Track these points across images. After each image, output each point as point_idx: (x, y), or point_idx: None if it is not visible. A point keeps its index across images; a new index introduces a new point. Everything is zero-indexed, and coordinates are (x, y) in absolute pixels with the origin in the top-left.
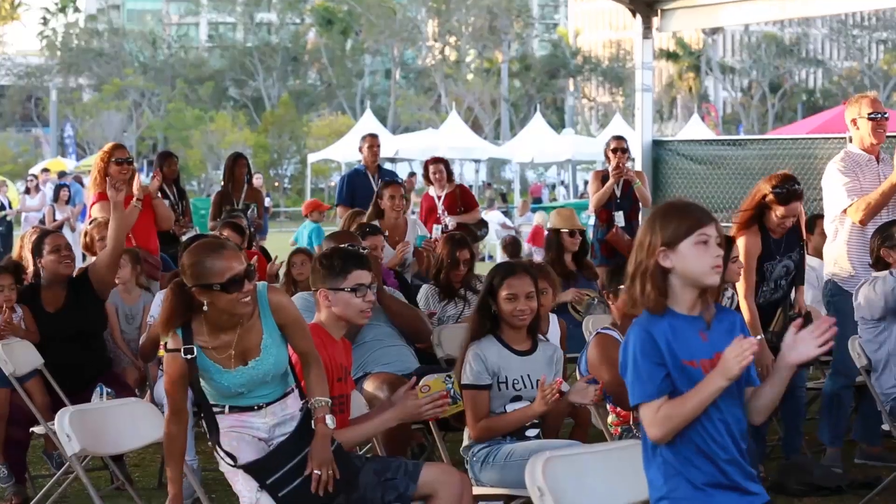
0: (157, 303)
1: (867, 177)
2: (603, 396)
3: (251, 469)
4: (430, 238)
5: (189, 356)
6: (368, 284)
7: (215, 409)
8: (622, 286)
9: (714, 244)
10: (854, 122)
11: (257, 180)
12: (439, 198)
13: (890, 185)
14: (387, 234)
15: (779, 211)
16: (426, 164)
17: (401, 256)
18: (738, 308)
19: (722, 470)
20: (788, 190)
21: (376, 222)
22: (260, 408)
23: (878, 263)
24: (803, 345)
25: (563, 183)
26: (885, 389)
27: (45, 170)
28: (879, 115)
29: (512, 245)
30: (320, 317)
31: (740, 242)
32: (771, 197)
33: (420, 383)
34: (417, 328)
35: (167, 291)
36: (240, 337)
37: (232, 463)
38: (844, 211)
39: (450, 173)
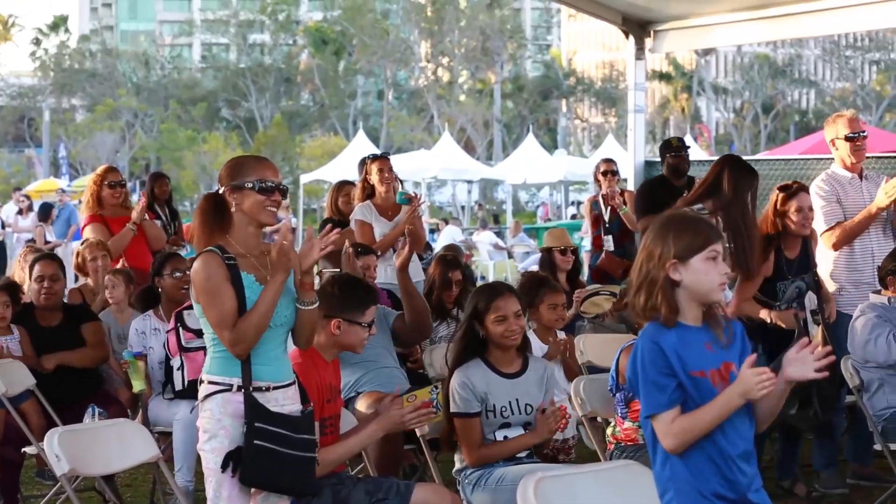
0: (134, 329)
1: (850, 196)
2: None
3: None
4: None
5: (230, 262)
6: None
7: (222, 387)
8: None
9: (721, 261)
10: (833, 142)
11: None
12: None
13: (867, 215)
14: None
15: (793, 207)
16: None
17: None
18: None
19: (730, 481)
20: (792, 185)
21: (368, 202)
22: (268, 389)
23: (884, 283)
24: (802, 364)
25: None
26: (877, 411)
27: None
28: (857, 135)
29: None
30: (318, 339)
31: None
32: (781, 197)
33: (405, 393)
34: (426, 322)
35: (197, 208)
36: (270, 261)
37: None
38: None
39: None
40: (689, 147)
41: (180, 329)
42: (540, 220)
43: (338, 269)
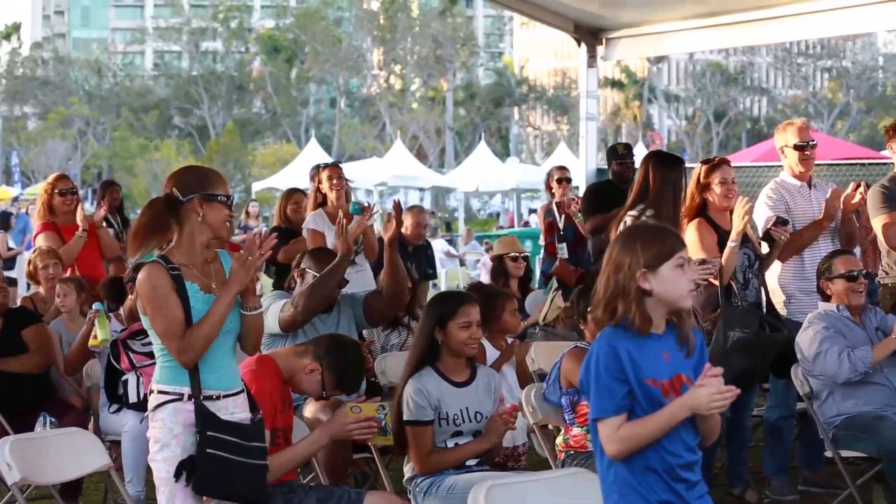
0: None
1: (799, 204)
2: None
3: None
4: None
5: (174, 272)
6: None
7: (173, 397)
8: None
9: (688, 268)
10: (782, 150)
11: None
12: None
13: (815, 229)
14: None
15: (716, 179)
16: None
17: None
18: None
19: (673, 489)
20: (714, 158)
21: (320, 210)
22: (218, 397)
23: (821, 293)
24: (701, 395)
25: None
26: (828, 418)
27: None
28: (806, 144)
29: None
30: (279, 352)
31: (690, 234)
32: (704, 170)
33: (352, 404)
34: (404, 295)
35: (147, 207)
36: (213, 270)
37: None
38: None
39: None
40: (634, 154)
41: (131, 354)
42: (503, 228)
43: (320, 272)
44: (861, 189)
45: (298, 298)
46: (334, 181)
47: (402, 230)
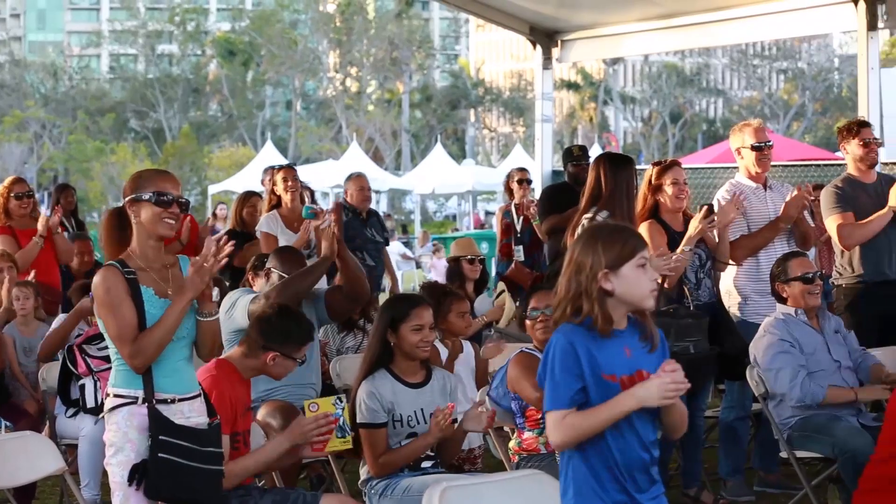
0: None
1: (754, 206)
2: (514, 420)
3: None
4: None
5: (130, 276)
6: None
7: (127, 400)
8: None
9: (649, 267)
10: (739, 151)
11: None
12: None
13: (771, 231)
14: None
15: (668, 181)
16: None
17: (305, 236)
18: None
19: (626, 488)
20: (665, 160)
21: (275, 213)
22: (173, 401)
23: (775, 295)
24: (652, 386)
25: None
26: (783, 419)
27: None
28: (763, 145)
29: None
30: (233, 356)
31: (643, 233)
32: (655, 171)
33: (310, 401)
34: (363, 288)
35: (101, 223)
36: (171, 275)
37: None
38: None
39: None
40: (590, 156)
41: (87, 359)
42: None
43: (286, 272)
44: (808, 189)
45: (271, 291)
46: (289, 183)
47: (348, 198)
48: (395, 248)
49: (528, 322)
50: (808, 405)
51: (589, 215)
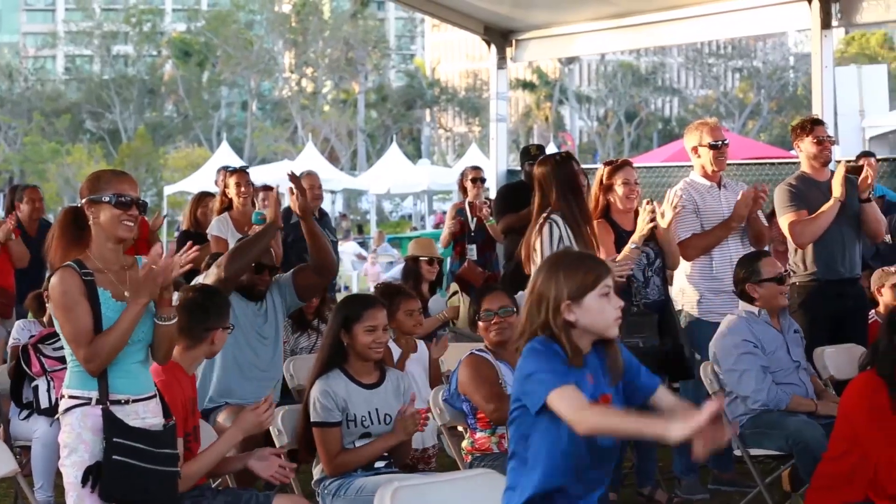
0: (14, 333)
1: (708, 204)
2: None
3: None
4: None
5: (87, 277)
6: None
7: (81, 401)
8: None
9: (614, 295)
10: (695, 150)
11: None
12: None
13: (724, 230)
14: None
15: (619, 180)
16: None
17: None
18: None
19: (570, 492)
20: (617, 160)
21: (226, 215)
22: (127, 402)
23: (743, 295)
24: (677, 428)
25: None
26: (736, 416)
27: None
28: (720, 143)
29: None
30: (176, 356)
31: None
32: (607, 171)
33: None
34: (331, 261)
35: (56, 221)
36: (129, 277)
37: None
38: None
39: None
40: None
41: (42, 359)
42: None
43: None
44: (762, 188)
45: (221, 260)
46: (241, 188)
47: None
48: (350, 248)
49: (480, 323)
50: (770, 409)
51: (541, 221)
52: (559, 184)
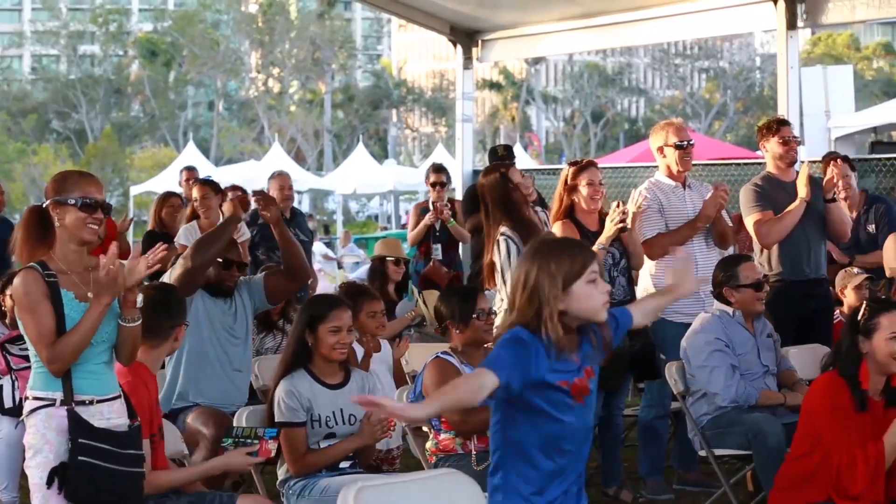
0: None
1: (673, 204)
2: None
3: None
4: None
5: (51, 279)
6: None
7: (46, 402)
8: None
9: (600, 280)
10: (660, 150)
11: None
12: None
13: (689, 230)
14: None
15: (583, 181)
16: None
17: None
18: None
19: (544, 490)
20: (582, 161)
21: (194, 223)
22: (91, 402)
23: (720, 298)
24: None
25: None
26: (698, 416)
27: None
28: (686, 143)
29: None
30: (140, 354)
31: (556, 230)
32: (571, 172)
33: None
34: (302, 265)
35: (20, 221)
36: (93, 278)
37: None
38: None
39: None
40: (515, 156)
41: (8, 357)
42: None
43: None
44: (724, 189)
45: (187, 253)
46: (205, 201)
47: None
48: (316, 249)
49: (478, 322)
50: (739, 406)
51: (499, 238)
52: (494, 197)
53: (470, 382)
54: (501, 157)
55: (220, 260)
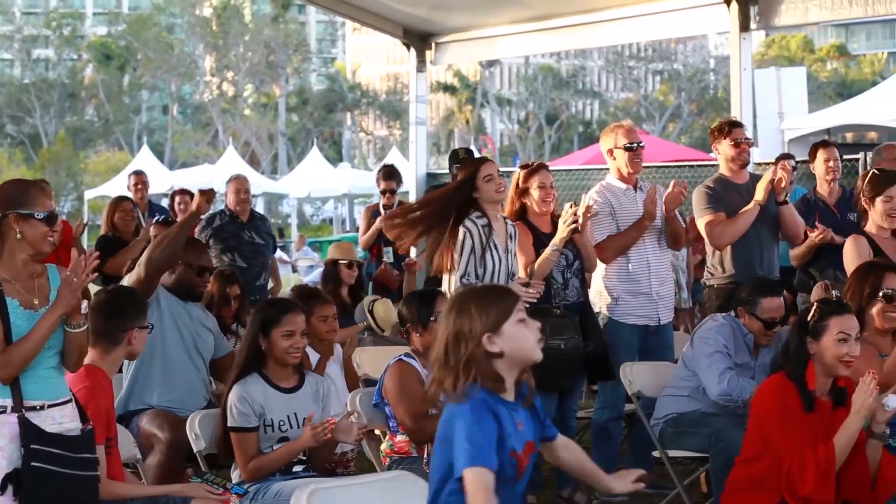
0: None
1: (624, 207)
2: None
3: None
4: None
5: None
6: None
7: None
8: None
9: (530, 319)
10: (610, 152)
11: None
12: None
13: (637, 230)
14: None
15: (534, 184)
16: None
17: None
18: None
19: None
20: (532, 163)
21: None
22: (42, 407)
23: (733, 309)
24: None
25: None
26: (658, 416)
27: None
28: (635, 145)
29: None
30: (97, 359)
31: None
32: (522, 175)
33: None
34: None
35: None
36: (37, 285)
37: None
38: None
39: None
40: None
41: None
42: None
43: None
44: (682, 185)
45: (145, 254)
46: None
47: (227, 201)
48: None
49: (437, 326)
50: (728, 402)
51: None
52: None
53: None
54: (462, 159)
55: (192, 266)
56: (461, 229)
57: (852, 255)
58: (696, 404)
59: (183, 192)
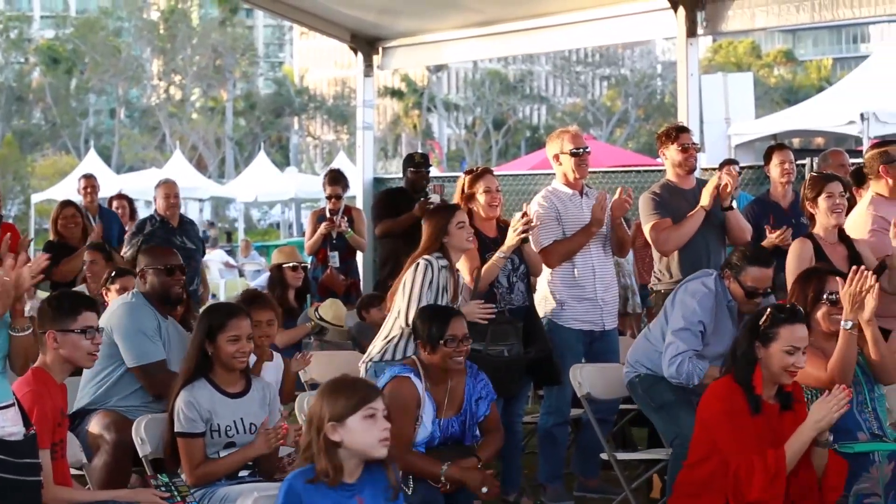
0: None
1: (570, 212)
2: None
3: None
4: None
5: None
6: (97, 327)
7: None
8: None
9: (381, 417)
10: (556, 157)
11: None
12: None
13: (584, 235)
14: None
15: (480, 188)
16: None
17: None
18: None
19: None
20: (477, 168)
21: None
22: None
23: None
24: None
25: None
26: (631, 361)
27: None
28: (581, 150)
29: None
30: (45, 359)
31: None
32: (467, 181)
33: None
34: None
35: None
36: None
37: None
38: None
39: (133, 210)
40: (431, 164)
41: None
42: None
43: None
44: (628, 192)
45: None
46: (89, 270)
47: (156, 206)
48: (217, 257)
49: (445, 348)
50: (682, 382)
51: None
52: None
53: None
54: (418, 163)
55: (162, 269)
56: (422, 261)
57: (794, 260)
58: None
59: (120, 196)
